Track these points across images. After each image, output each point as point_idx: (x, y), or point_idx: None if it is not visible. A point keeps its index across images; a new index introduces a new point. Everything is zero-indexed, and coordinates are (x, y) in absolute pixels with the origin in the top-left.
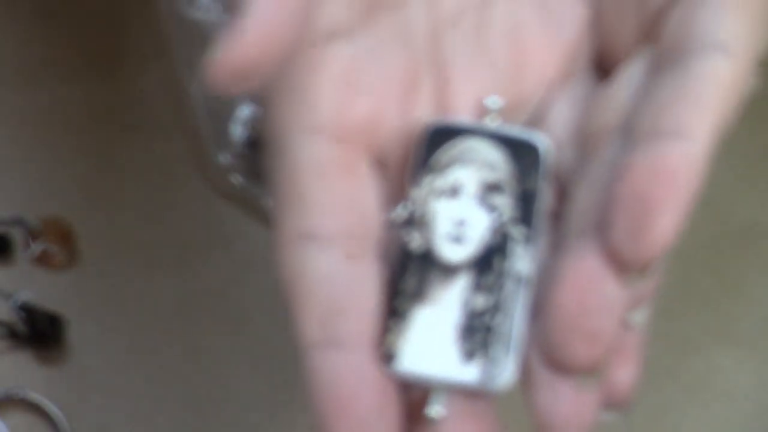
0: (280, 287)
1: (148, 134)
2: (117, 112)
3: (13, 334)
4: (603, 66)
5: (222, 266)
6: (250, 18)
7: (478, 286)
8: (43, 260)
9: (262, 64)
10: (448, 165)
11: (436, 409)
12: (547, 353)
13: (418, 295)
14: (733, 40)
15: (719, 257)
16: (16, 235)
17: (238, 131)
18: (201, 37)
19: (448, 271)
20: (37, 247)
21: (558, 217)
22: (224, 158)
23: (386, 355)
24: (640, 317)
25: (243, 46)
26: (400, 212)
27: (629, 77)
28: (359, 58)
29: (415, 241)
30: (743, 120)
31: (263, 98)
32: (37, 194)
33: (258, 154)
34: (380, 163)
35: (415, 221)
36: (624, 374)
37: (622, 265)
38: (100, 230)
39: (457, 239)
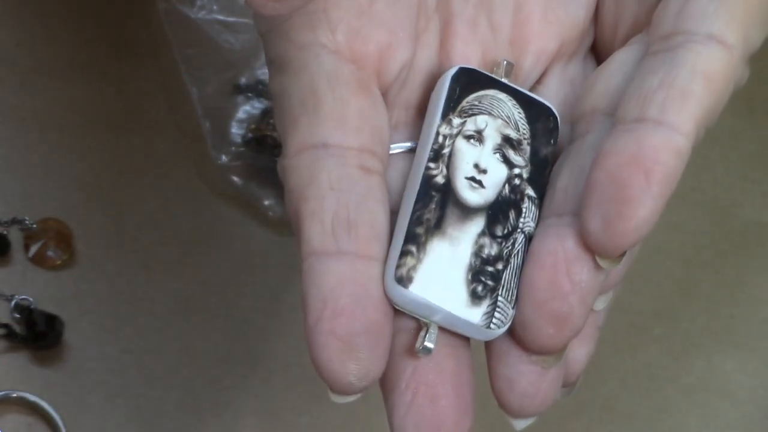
0: (288, 200)
1: (147, 134)
2: (115, 111)
3: (11, 335)
4: (598, 53)
5: (221, 266)
6: None
7: (491, 234)
8: (40, 261)
9: None
10: (476, 111)
11: (431, 342)
12: (514, 330)
13: (438, 227)
14: (726, 31)
15: (720, 258)
16: (14, 236)
17: (237, 131)
18: (201, 37)
19: (466, 211)
20: (34, 248)
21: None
22: (224, 158)
23: (401, 278)
24: (603, 302)
25: None
26: (404, 149)
27: (622, 62)
28: None
29: (439, 174)
30: (744, 120)
31: (269, 21)
32: (35, 195)
33: (258, 154)
34: (383, 97)
35: (441, 156)
36: (579, 353)
37: (596, 252)
38: (98, 230)
39: (477, 184)
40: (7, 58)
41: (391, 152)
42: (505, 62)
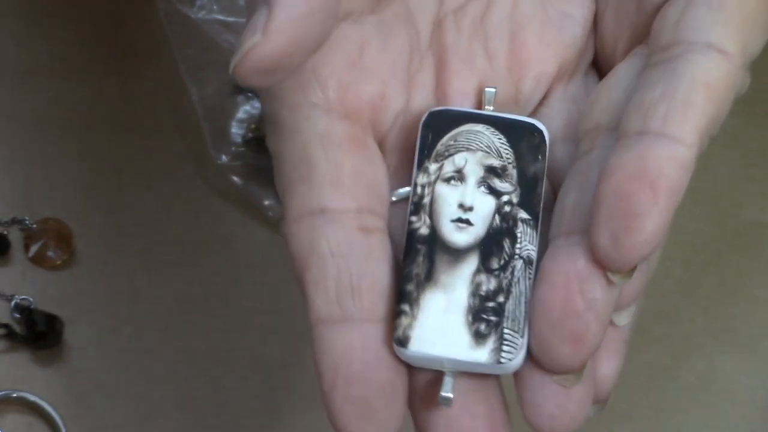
0: (291, 265)
1: (147, 134)
2: (115, 111)
3: (11, 335)
4: (600, 67)
5: (221, 266)
6: (280, 10)
7: (487, 270)
8: (40, 261)
9: (292, 59)
10: (453, 151)
11: (448, 392)
12: (532, 353)
13: (428, 279)
14: (725, 40)
15: (720, 258)
16: (14, 236)
17: (237, 131)
18: (201, 37)
19: (456, 254)
20: (34, 248)
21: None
22: (224, 158)
23: (399, 339)
24: (626, 318)
25: (274, 41)
26: (406, 194)
27: (622, 75)
28: (367, 41)
29: (422, 226)
30: (744, 120)
31: None
32: (35, 194)
33: (258, 154)
34: (380, 145)
35: (422, 207)
36: (608, 369)
37: (607, 268)
38: (98, 230)
39: (464, 224)
40: (7, 58)
41: (393, 200)
42: (486, 90)
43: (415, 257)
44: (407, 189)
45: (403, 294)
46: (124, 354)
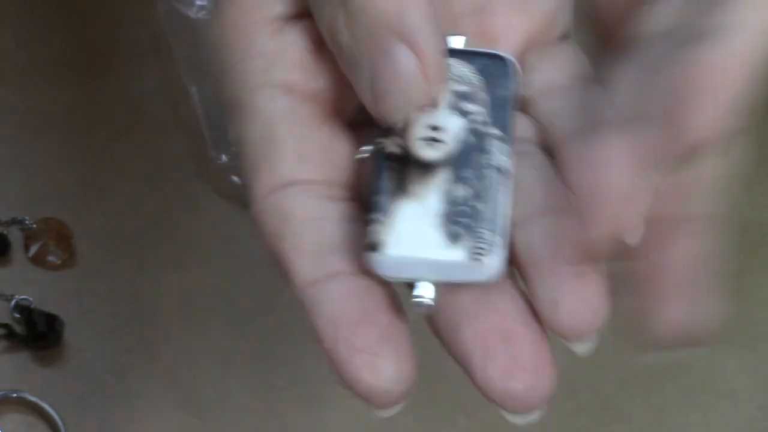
0: (265, 244)
1: (148, 134)
2: (115, 112)
3: (11, 335)
4: (603, 32)
5: (222, 266)
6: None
7: (458, 179)
8: (41, 261)
9: None
10: None
11: (423, 293)
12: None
13: (400, 190)
14: None
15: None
16: (14, 236)
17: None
18: (201, 38)
19: (427, 167)
20: (34, 248)
21: (545, 148)
22: (224, 158)
23: (372, 245)
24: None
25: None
26: (368, 152)
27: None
28: None
29: (391, 145)
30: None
31: (222, 63)
32: (35, 195)
33: None
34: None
35: (391, 130)
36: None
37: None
38: (98, 230)
39: (433, 141)
40: (7, 58)
41: (356, 158)
42: (455, 38)
43: (385, 171)
44: (369, 147)
45: (374, 204)
46: (124, 354)
